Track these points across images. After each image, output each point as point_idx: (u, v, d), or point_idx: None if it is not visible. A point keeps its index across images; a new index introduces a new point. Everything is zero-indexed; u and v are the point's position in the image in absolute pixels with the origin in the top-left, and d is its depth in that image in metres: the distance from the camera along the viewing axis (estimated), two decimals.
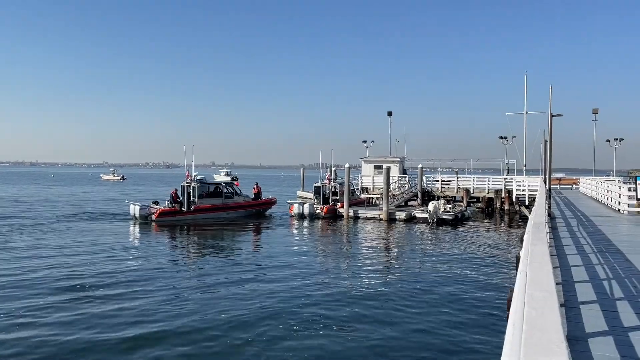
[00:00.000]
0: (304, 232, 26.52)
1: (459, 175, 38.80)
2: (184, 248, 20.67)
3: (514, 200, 35.31)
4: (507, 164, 40.53)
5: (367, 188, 40.19)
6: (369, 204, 37.18)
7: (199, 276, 14.93)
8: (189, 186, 30.17)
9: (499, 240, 23.16)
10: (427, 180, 38.45)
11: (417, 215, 30.38)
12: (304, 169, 52.43)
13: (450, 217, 29.47)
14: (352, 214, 32.01)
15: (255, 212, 33.76)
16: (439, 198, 34.87)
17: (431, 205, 29.38)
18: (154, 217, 28.49)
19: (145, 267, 16.13)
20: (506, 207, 35.49)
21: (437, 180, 38.16)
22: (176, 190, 30.09)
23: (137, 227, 27.15)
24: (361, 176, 40.81)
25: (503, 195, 35.90)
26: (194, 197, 29.99)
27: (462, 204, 35.16)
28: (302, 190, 48.80)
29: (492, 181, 36.69)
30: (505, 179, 36.52)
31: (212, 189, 31.53)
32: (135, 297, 12.54)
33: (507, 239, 23.64)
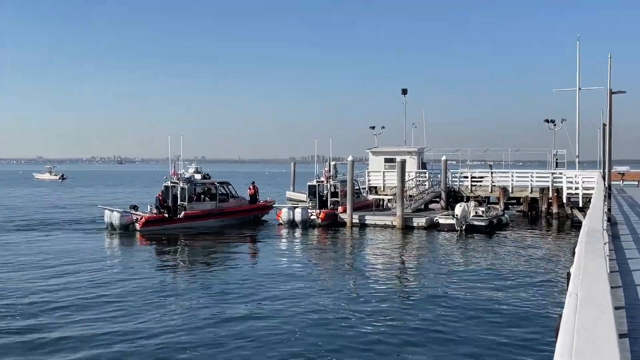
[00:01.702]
0: (295, 245, 26.60)
1: (493, 170, 38.83)
2: (177, 269, 20.86)
3: (564, 201, 35.40)
4: (555, 154, 40.56)
5: (375, 187, 40.30)
6: (379, 207, 37.21)
7: (197, 308, 14.64)
8: (176, 187, 30.69)
9: (546, 253, 23.28)
10: (453, 177, 38.46)
11: (441, 221, 30.51)
12: (294, 164, 52.47)
13: (483, 224, 29.59)
14: (356, 221, 32.10)
15: (253, 218, 34.18)
16: (468, 199, 34.89)
17: (459, 209, 29.47)
18: (138, 226, 29.00)
19: (135, 292, 16.26)
20: (554, 210, 35.56)
21: (466, 177, 38.24)
22: (163, 192, 30.58)
23: (116, 238, 27.58)
24: (368, 172, 40.89)
25: (550, 195, 35.95)
26: (182, 200, 30.57)
27: (497, 206, 35.27)
28: (293, 191, 48.88)
29: (537, 177, 36.77)
30: (553, 174, 36.56)
31: (203, 189, 32.20)
32: (124, 328, 12.74)
33: (556, 252, 23.76)
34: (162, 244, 26.64)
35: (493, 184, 37.47)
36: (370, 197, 37.77)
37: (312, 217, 32.08)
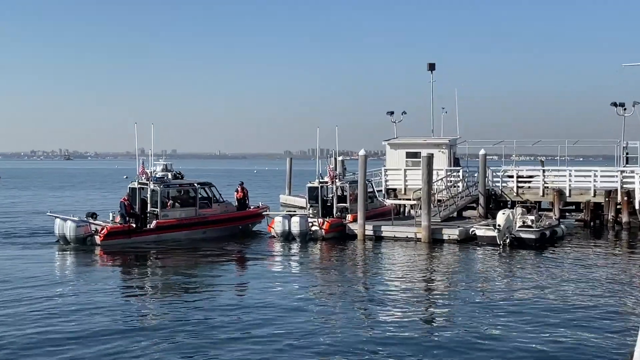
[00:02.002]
0: (291, 265, 26.44)
1: (546, 168, 38.68)
2: (147, 297, 20.61)
3: (636, 207, 35.20)
4: (625, 147, 40.30)
5: (395, 190, 40.24)
6: (399, 215, 37.08)
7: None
8: (145, 189, 31.19)
9: (614, 276, 23.11)
10: (493, 176, 38.39)
11: (479, 233, 30.44)
12: (291, 160, 52.36)
13: (532, 237, 29.50)
14: (370, 233, 32.05)
15: (242, 229, 34.48)
16: (513, 205, 34.75)
17: (502, 217, 29.35)
18: (98, 238, 29.23)
19: (94, 328, 16.14)
20: (624, 218, 35.37)
21: (511, 176, 38.15)
22: (129, 197, 30.83)
23: (69, 255, 27.71)
24: (385, 170, 40.79)
25: (619, 199, 35.78)
26: (153, 205, 30.96)
27: (551, 214, 35.15)
28: (289, 194, 48.76)
29: (601, 176, 36.72)
30: (622, 172, 36.46)
31: (180, 193, 32.48)
32: None
33: (627, 274, 23.59)
34: (129, 262, 26.71)
35: (545, 185, 37.41)
36: (388, 202, 37.65)
37: (314, 228, 32.05)
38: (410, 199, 37.05)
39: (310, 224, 32.01)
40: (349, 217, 33.18)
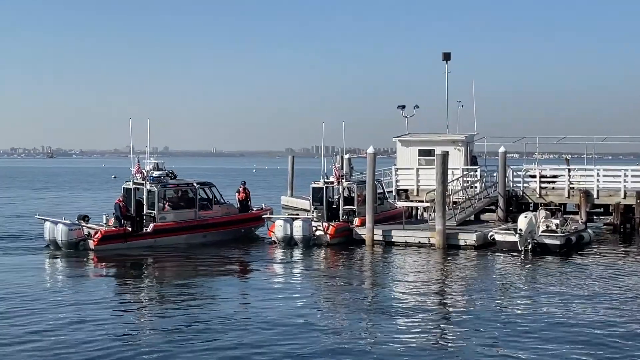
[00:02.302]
0: (292, 273, 26.30)
1: (571, 167, 38.63)
2: (145, 309, 20.59)
3: None
4: None
5: (406, 190, 40.20)
6: (411, 218, 37.03)
7: None
8: (140, 189, 31.43)
9: None
10: (514, 176, 38.38)
11: (498, 238, 30.39)
12: (293, 158, 52.37)
13: (557, 242, 29.44)
14: (380, 238, 32.02)
15: (244, 232, 34.66)
16: (536, 207, 34.71)
17: (523, 221, 29.29)
18: (92, 243, 29.44)
19: (92, 340, 16.24)
20: None
21: (533, 176, 38.14)
22: (124, 198, 31.07)
23: (61, 261, 27.93)
24: (396, 169, 40.74)
25: None
26: (150, 207, 31.26)
27: (577, 217, 35.06)
28: (291, 195, 48.76)
29: (632, 176, 36.75)
30: None
31: (178, 193, 32.81)
32: None
33: None
34: (124, 270, 26.77)
35: (571, 186, 37.39)
36: (399, 204, 37.56)
37: (318, 233, 31.98)
38: (423, 201, 36.95)
39: (314, 229, 31.92)
40: (356, 220, 33.16)
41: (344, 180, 34.32)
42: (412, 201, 38.78)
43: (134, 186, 31.38)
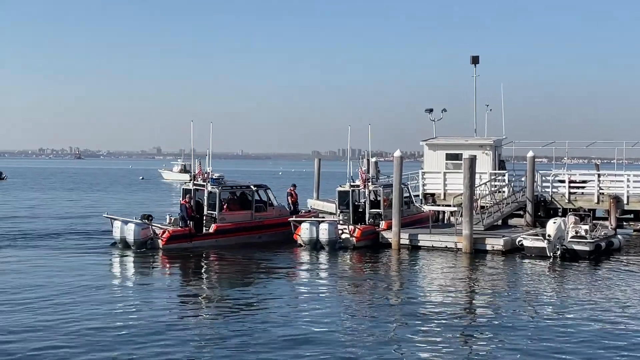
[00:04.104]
0: (317, 279, 26.29)
1: (601, 172, 38.35)
2: (214, 307, 20.87)
3: None
4: None
5: (433, 195, 40.13)
6: (438, 223, 36.96)
7: None
8: (200, 190, 32.75)
9: None
10: (543, 181, 38.27)
11: (526, 243, 30.22)
12: (319, 161, 52.25)
13: (586, 248, 29.19)
14: (406, 242, 31.97)
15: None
16: (565, 213, 34.45)
17: (552, 227, 29.05)
18: (161, 242, 30.72)
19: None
20: None
21: (562, 181, 38.00)
22: (190, 199, 32.20)
23: (130, 258, 29.23)
24: (423, 173, 40.66)
25: None
26: (210, 208, 32.42)
27: (607, 223, 34.82)
28: (317, 198, 48.63)
29: None
30: None
31: (236, 195, 34.13)
32: None
33: None
34: (191, 268, 28.36)
35: (601, 191, 37.21)
36: (426, 208, 37.45)
37: (344, 236, 32.02)
38: (450, 205, 36.83)
39: (340, 232, 31.95)
40: (382, 224, 33.07)
41: (370, 184, 34.26)
42: (439, 205, 38.71)
43: (194, 187, 32.51)
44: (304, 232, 31.91)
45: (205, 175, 32.64)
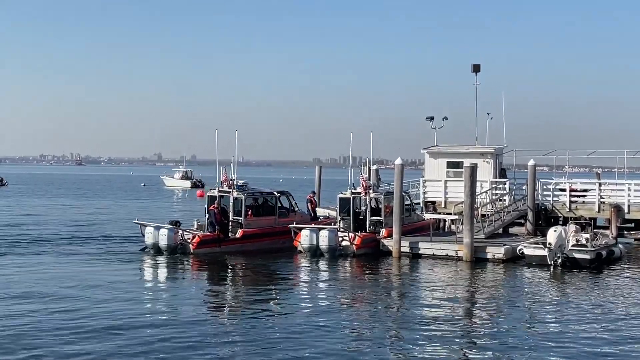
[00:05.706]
0: (317, 286, 26.29)
1: (602, 181, 38.30)
2: (243, 309, 21.23)
3: None
4: None
5: (434, 202, 40.04)
6: (438, 231, 36.89)
7: None
8: (226, 196, 33.42)
9: None
10: (544, 190, 38.23)
11: (527, 252, 30.18)
12: (320, 168, 52.18)
13: (587, 257, 29.12)
14: (407, 250, 31.89)
15: None
16: (566, 221, 34.41)
17: (553, 235, 28.99)
18: (191, 247, 31.66)
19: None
20: None
21: (563, 190, 37.95)
22: (219, 205, 32.66)
23: (163, 263, 30.06)
24: (424, 180, 40.61)
25: None
26: (236, 214, 33.32)
27: (608, 232, 34.73)
28: (318, 206, 48.54)
29: None
30: None
31: (260, 201, 35.06)
32: None
33: None
34: (220, 271, 29.29)
35: (602, 200, 37.13)
36: (427, 216, 37.40)
37: (344, 243, 31.94)
38: (451, 213, 36.76)
39: (340, 239, 31.89)
40: (383, 231, 33.01)
41: (371, 191, 34.26)
42: (439, 213, 38.65)
43: (219, 194, 33.16)
44: (304, 238, 31.83)
45: (231, 182, 33.32)
